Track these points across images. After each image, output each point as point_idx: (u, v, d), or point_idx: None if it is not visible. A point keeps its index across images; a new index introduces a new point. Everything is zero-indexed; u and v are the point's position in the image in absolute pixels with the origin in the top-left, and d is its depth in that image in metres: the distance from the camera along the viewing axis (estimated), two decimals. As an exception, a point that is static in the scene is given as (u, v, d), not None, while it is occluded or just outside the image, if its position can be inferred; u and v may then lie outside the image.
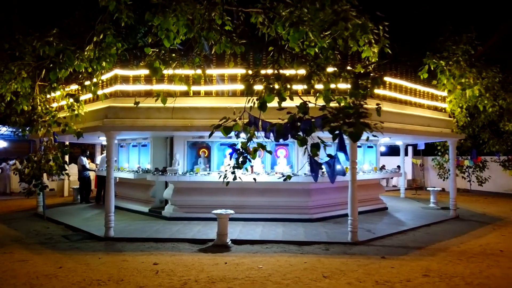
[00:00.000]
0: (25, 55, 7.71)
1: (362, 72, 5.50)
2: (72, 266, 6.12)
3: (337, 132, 3.64)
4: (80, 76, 6.74)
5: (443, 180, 17.04)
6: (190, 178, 9.51)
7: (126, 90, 8.54)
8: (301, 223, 9.36)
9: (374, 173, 11.11)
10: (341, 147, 3.57)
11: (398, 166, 16.04)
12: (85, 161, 13.12)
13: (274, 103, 4.62)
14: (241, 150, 4.88)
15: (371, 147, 12.06)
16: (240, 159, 4.90)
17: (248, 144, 4.90)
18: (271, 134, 4.50)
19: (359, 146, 11.85)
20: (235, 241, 7.73)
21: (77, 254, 6.94)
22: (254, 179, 4.92)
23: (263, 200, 9.65)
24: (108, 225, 8.07)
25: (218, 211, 7.68)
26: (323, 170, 4.63)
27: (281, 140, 4.32)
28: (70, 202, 13.76)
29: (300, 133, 4.06)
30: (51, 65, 6.95)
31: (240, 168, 4.90)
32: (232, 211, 7.72)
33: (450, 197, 11.29)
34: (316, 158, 4.09)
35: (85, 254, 6.94)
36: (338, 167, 3.57)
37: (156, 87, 8.40)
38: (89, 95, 9.62)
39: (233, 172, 4.87)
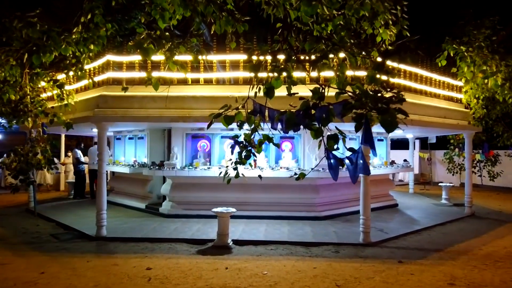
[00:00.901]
0: (13, 41, 7.06)
1: (389, 49, 4.85)
2: (56, 271, 5.51)
3: (362, 121, 2.98)
4: (68, 61, 6.09)
5: (453, 174, 16.39)
6: (189, 173, 8.89)
7: (119, 77, 7.88)
8: (308, 222, 8.73)
9: (385, 168, 10.45)
10: (367, 139, 2.92)
11: (405, 160, 15.36)
12: (80, 154, 12.50)
13: (282, 92, 3.97)
14: (244, 142, 4.24)
15: (381, 140, 11.39)
16: (244, 153, 4.25)
17: (253, 136, 4.24)
18: (280, 124, 3.85)
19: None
20: (237, 242, 7.13)
21: (64, 256, 6.34)
22: (260, 176, 4.29)
23: (267, 196, 9.03)
24: (100, 223, 7.46)
25: (219, 209, 7.06)
26: (337, 167, 3.96)
27: (290, 132, 3.68)
28: (64, 197, 13.18)
29: (315, 123, 3.39)
30: (34, 48, 6.31)
31: (244, 164, 4.25)
32: (233, 209, 7.10)
33: (465, 193, 10.64)
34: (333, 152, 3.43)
35: (73, 256, 6.33)
36: (361, 163, 2.92)
37: (152, 74, 7.72)
38: (80, 84, 8.97)
39: (235, 168, 4.22)
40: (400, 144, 21.89)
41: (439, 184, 13.16)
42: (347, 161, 3.08)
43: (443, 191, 12.58)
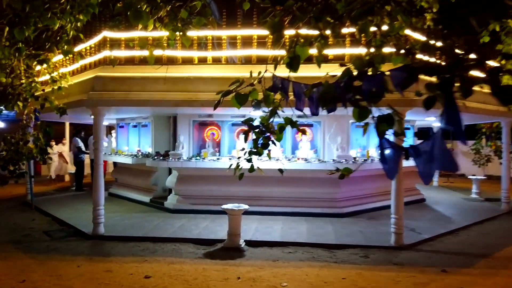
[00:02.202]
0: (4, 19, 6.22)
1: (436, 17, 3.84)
2: (39, 279, 4.71)
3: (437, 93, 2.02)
4: (50, 32, 5.20)
5: (478, 166, 15.26)
6: (196, 164, 8.02)
7: (117, 56, 6.98)
8: (328, 219, 7.81)
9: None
10: (452, 120, 1.96)
11: (429, 151, 14.22)
12: (80, 142, 11.72)
13: (306, 70, 3.03)
14: (261, 128, 3.31)
15: (407, 128, 10.34)
16: (260, 142, 3.33)
17: (271, 119, 3.31)
18: (309, 103, 2.92)
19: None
20: (249, 243, 6.26)
21: (52, 259, 5.54)
22: (281, 170, 3.37)
23: (282, 190, 8.12)
24: (96, 220, 6.66)
25: (229, 205, 6.18)
26: (396, 160, 2.94)
27: (304, 121, 2.75)
28: (66, 189, 12.47)
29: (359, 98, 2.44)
30: (17, 19, 5.45)
31: (260, 154, 3.33)
32: (246, 206, 6.21)
33: (502, 187, 9.61)
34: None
35: (63, 259, 5.53)
36: (442, 155, 1.97)
37: (155, 52, 6.81)
38: (76, 65, 8.12)
39: (249, 160, 3.31)
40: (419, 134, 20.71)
41: (468, 176, 12.08)
42: (413, 152, 2.12)
43: (474, 184, 11.53)
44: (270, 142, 3.29)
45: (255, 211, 7.69)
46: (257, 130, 3.32)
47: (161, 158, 8.23)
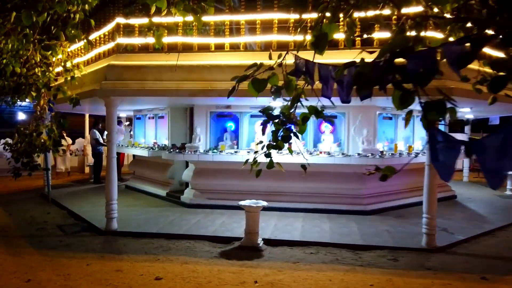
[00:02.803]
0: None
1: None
2: (46, 279, 4.47)
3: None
4: (56, 16, 4.90)
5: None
6: (213, 158, 7.67)
7: (131, 44, 6.66)
8: (352, 217, 7.34)
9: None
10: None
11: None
12: (98, 134, 11.57)
13: (331, 57, 2.58)
14: (281, 118, 2.90)
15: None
16: (280, 134, 2.92)
17: (293, 108, 2.88)
18: (339, 88, 2.49)
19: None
20: (268, 241, 5.88)
21: (62, 256, 5.32)
22: (304, 167, 2.94)
23: (303, 186, 7.68)
24: (109, 215, 6.42)
25: (247, 202, 5.81)
26: (453, 157, 2.43)
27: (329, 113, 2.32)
28: (84, 181, 12.40)
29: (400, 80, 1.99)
30: (25, 3, 5.19)
31: (280, 148, 2.92)
32: (264, 203, 5.82)
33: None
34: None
35: (73, 256, 5.30)
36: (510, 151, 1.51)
37: (169, 39, 6.48)
38: (91, 54, 7.86)
39: (268, 155, 2.90)
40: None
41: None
42: (478, 147, 1.66)
43: (508, 180, 10.81)
44: (292, 135, 2.87)
45: (274, 207, 7.31)
46: (277, 121, 2.91)
47: (177, 151, 7.92)
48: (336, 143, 8.15)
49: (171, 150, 8.07)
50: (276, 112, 2.97)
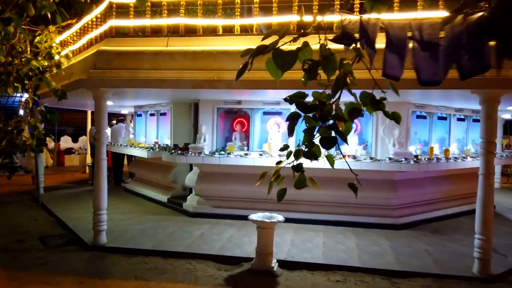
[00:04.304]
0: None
1: None
2: (4, 316, 3.53)
3: None
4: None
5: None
6: (219, 160, 6.68)
7: (125, 26, 5.70)
8: (381, 232, 6.28)
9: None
10: None
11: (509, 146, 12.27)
12: (98, 133, 10.66)
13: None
14: (319, 111, 1.86)
15: (477, 120, 8.55)
16: (315, 135, 1.90)
17: (337, 96, 1.84)
18: (426, 59, 1.47)
19: (463, 119, 8.40)
20: (284, 263, 4.88)
21: (34, 279, 4.38)
22: (354, 187, 1.95)
23: (324, 194, 6.61)
24: (97, 227, 5.47)
25: (259, 216, 4.81)
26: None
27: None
28: (84, 182, 11.53)
29: None
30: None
31: (316, 157, 1.89)
32: (280, 217, 4.82)
33: None
34: None
35: (47, 281, 4.36)
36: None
37: (170, 20, 5.50)
38: (82, 41, 6.92)
39: (298, 168, 1.89)
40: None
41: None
42: None
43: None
44: (336, 136, 1.86)
45: (290, 218, 6.27)
46: (311, 115, 1.90)
47: (179, 152, 6.95)
48: (362, 145, 7.10)
49: (173, 151, 7.11)
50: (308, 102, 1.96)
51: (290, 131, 1.91)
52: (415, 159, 6.32)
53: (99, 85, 5.27)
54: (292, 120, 1.92)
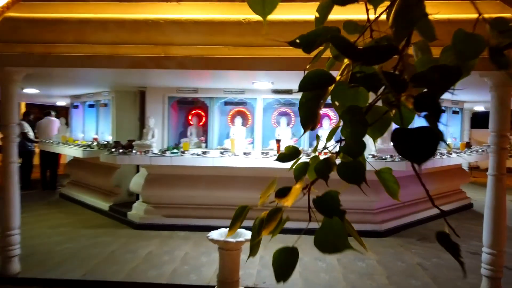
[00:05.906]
0: None
1: None
2: None
3: None
4: None
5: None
6: (172, 160, 5.48)
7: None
8: (364, 240, 5.35)
9: (469, 154, 7.04)
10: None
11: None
12: (28, 128, 9.02)
13: None
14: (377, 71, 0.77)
15: (457, 112, 7.93)
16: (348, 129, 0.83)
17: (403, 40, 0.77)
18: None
19: (443, 111, 7.74)
20: (254, 292, 3.82)
21: None
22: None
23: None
24: (7, 253, 4.12)
25: (221, 233, 3.69)
26: None
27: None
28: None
29: None
30: None
31: (357, 155, 0.82)
32: (247, 234, 3.72)
33: None
34: None
35: None
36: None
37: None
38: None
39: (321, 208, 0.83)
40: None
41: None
42: None
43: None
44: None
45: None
46: (359, 76, 0.80)
47: (120, 150, 5.67)
48: (337, 142, 6.17)
49: (113, 149, 5.80)
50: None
51: (310, 119, 0.84)
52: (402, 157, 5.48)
53: (4, 63, 3.90)
54: (313, 99, 0.86)
